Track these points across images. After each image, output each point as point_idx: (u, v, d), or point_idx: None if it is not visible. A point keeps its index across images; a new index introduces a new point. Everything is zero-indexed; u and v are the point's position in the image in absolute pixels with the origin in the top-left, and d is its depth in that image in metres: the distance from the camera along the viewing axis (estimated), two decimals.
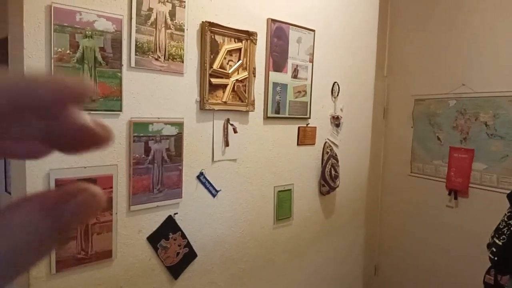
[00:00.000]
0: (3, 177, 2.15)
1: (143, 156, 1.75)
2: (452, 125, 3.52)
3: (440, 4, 3.62)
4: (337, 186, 2.66)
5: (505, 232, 2.23)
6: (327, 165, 2.59)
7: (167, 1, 1.78)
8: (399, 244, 3.91)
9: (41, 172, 1.48)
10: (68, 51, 1.50)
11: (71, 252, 1.57)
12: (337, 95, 2.71)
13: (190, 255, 1.98)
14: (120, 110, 1.67)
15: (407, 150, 3.94)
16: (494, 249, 2.24)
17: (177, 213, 1.90)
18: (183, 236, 1.94)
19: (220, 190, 2.08)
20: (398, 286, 3.80)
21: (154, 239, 1.83)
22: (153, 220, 1.83)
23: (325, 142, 2.65)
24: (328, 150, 2.63)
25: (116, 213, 1.69)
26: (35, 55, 1.43)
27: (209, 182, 2.03)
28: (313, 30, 2.48)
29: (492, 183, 3.21)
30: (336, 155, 2.68)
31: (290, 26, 2.34)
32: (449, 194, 3.54)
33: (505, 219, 2.27)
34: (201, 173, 1.99)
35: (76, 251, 1.59)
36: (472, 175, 3.36)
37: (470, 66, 3.38)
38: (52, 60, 1.46)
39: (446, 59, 3.56)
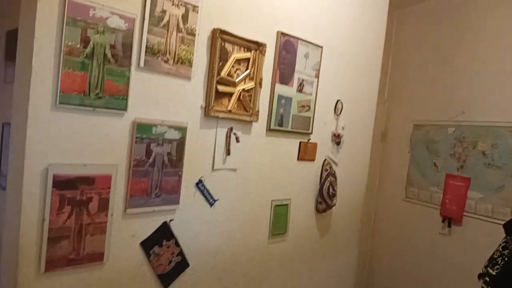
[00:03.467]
0: None
1: (144, 158, 1.72)
2: (450, 152, 3.53)
3: (444, 31, 3.67)
4: (334, 205, 2.64)
5: (499, 262, 2.21)
6: (326, 183, 2.57)
7: (181, 5, 1.77)
8: (390, 268, 3.87)
9: (39, 167, 1.44)
10: (78, 45, 1.47)
11: (62, 251, 1.52)
12: (340, 112, 2.70)
13: (182, 264, 1.92)
14: (125, 110, 1.64)
15: (403, 174, 3.94)
16: (488, 279, 2.21)
17: (173, 220, 1.86)
18: (177, 243, 1.89)
19: (217, 200, 2.05)
20: None
21: (147, 245, 1.78)
22: (148, 225, 1.78)
23: (325, 159, 2.64)
24: (327, 168, 2.61)
25: (112, 215, 1.64)
26: (45, 46, 1.41)
27: (207, 190, 1.99)
28: (321, 46, 2.48)
29: (487, 213, 3.20)
30: (335, 173, 2.66)
31: (299, 41, 2.34)
32: (443, 221, 3.53)
33: (500, 249, 2.25)
34: (200, 181, 1.96)
35: (68, 251, 1.53)
36: (467, 203, 3.35)
37: (472, 94, 3.41)
38: (62, 53, 1.43)
39: (448, 86, 3.59)
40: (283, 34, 2.24)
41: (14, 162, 1.50)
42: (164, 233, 1.83)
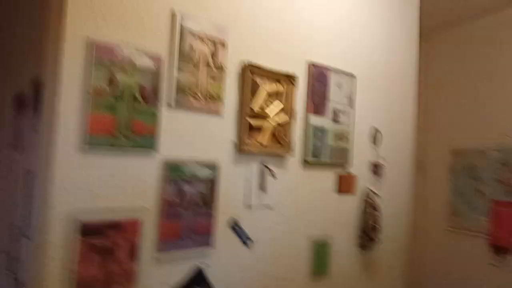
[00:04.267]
0: (23, 223, 2.06)
1: (175, 199, 1.63)
2: (495, 178, 3.31)
3: (476, 55, 3.51)
4: (379, 241, 2.45)
5: None
6: (368, 217, 2.40)
7: (209, 41, 1.73)
8: None
9: (65, 213, 1.38)
10: (105, 87, 1.44)
11: None
12: (379, 142, 2.56)
13: None
14: (155, 150, 1.57)
15: (444, 204, 3.71)
16: None
17: (207, 264, 1.75)
18: None
19: (254, 240, 1.92)
20: None
21: None
22: (181, 271, 1.67)
23: (366, 192, 2.48)
24: (369, 201, 2.44)
25: (142, 262, 1.55)
26: (71, 89, 1.37)
27: (242, 231, 1.88)
28: (354, 76, 2.39)
29: None
30: (378, 206, 2.49)
31: (331, 70, 2.25)
32: (493, 251, 3.27)
33: None
34: (235, 221, 1.85)
35: None
36: None
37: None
38: (89, 95, 1.40)
39: (486, 110, 3.41)
40: (314, 64, 2.16)
41: (39, 209, 1.44)
42: (198, 279, 1.72)
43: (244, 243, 1.89)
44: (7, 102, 2.36)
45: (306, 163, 2.15)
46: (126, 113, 1.49)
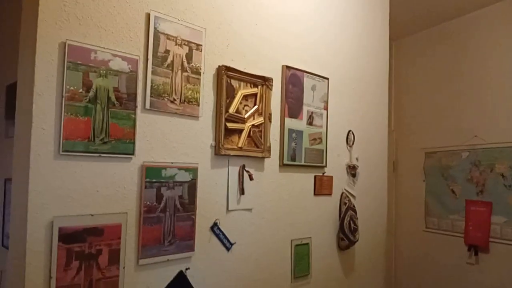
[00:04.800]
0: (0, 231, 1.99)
1: (155, 203, 1.62)
2: (467, 178, 3.41)
3: (444, 57, 3.65)
4: (357, 240, 2.49)
5: None
6: (346, 217, 2.44)
7: (184, 44, 1.74)
8: None
9: (44, 220, 1.34)
10: (80, 90, 1.42)
11: None
12: (352, 144, 2.61)
13: None
14: (133, 154, 1.56)
15: (420, 204, 3.80)
16: None
17: (189, 268, 1.73)
18: None
19: (234, 243, 1.92)
20: None
21: None
22: (163, 275, 1.65)
23: (342, 193, 2.52)
24: (346, 201, 2.48)
25: (124, 268, 1.52)
26: (45, 92, 1.35)
27: (223, 234, 1.87)
28: (327, 78, 2.44)
29: None
30: (354, 206, 2.53)
31: (305, 73, 2.30)
32: (469, 250, 3.35)
33: None
34: (215, 224, 1.84)
35: None
36: (492, 229, 3.20)
37: (482, 117, 3.34)
38: (63, 99, 1.37)
39: (455, 111, 3.53)
40: (288, 67, 2.20)
41: (17, 217, 1.40)
42: (180, 283, 1.69)
43: (225, 246, 1.88)
44: None
45: (283, 165, 2.17)
46: (102, 117, 1.47)
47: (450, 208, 3.57)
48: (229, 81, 1.90)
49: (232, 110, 1.90)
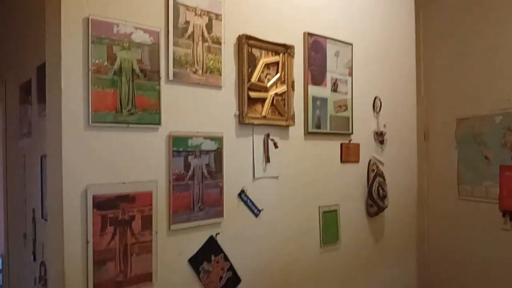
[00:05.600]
0: (39, 205, 2.11)
1: (183, 172, 1.67)
2: (501, 143, 3.29)
3: (474, 20, 3.49)
4: (386, 206, 2.48)
5: None
6: (374, 184, 2.43)
7: (204, 14, 1.75)
8: (451, 273, 3.60)
9: (78, 189, 1.42)
10: (105, 63, 1.47)
11: (109, 274, 1.47)
12: (379, 110, 2.58)
13: (234, 280, 1.83)
14: (159, 124, 1.61)
15: (452, 172, 3.70)
16: None
17: (219, 233, 1.78)
18: (226, 258, 1.81)
19: (262, 210, 1.96)
20: None
21: (195, 262, 1.71)
22: (194, 240, 1.72)
23: (370, 160, 2.50)
24: (374, 168, 2.47)
25: (157, 233, 1.59)
26: (72, 67, 1.40)
27: (250, 201, 1.91)
28: (351, 44, 2.40)
29: None
30: (382, 173, 2.51)
31: (327, 40, 2.27)
32: (504, 216, 3.27)
33: None
34: (243, 191, 1.88)
35: (115, 274, 1.48)
36: None
37: None
38: (90, 72, 1.43)
39: (489, 74, 3.39)
40: (310, 34, 2.18)
41: (53, 188, 1.48)
42: (211, 248, 1.76)
43: (253, 212, 1.92)
44: (14, 93, 2.41)
45: (308, 133, 2.17)
46: (128, 88, 1.52)
47: (483, 175, 3.47)
48: (250, 50, 1.91)
49: (254, 79, 1.92)
